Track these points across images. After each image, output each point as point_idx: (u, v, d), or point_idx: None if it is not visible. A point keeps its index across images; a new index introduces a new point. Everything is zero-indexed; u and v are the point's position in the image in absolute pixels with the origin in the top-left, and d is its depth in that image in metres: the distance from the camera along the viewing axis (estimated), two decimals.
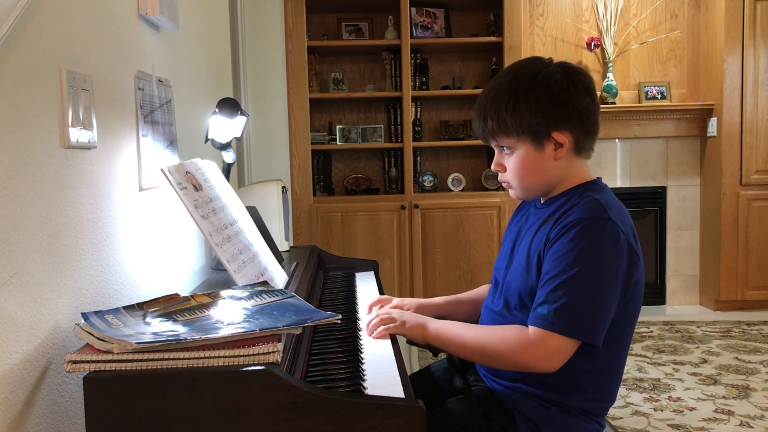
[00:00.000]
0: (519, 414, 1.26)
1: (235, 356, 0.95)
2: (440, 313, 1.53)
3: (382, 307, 1.48)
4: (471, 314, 1.55)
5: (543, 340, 1.17)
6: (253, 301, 1.16)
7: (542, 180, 1.31)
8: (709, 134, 4.22)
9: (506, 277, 1.36)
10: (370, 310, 1.49)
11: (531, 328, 1.19)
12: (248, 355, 0.95)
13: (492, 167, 1.36)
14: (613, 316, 1.21)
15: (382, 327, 1.33)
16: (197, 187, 1.38)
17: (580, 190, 1.29)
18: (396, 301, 1.51)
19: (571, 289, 1.16)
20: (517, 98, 1.25)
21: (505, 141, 1.29)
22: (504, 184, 1.36)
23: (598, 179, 1.34)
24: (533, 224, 1.33)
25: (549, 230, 1.25)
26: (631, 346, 1.68)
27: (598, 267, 1.18)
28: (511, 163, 1.31)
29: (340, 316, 1.10)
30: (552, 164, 1.28)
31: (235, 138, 1.86)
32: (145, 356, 0.94)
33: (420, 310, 1.49)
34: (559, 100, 1.25)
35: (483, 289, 1.60)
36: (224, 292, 1.21)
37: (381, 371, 1.15)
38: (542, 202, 1.36)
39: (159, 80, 1.58)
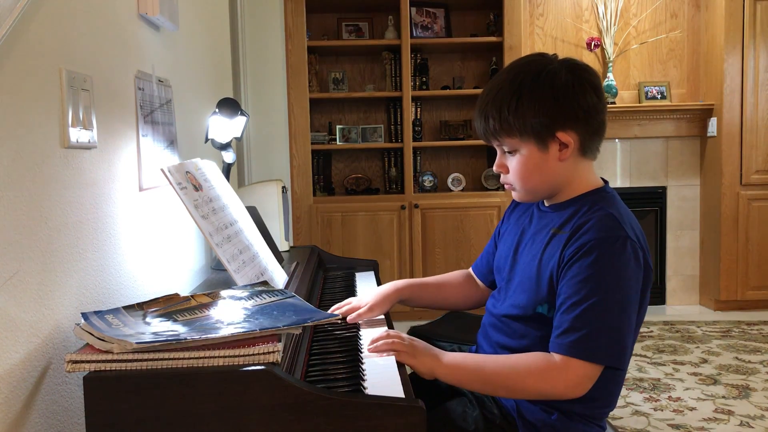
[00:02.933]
0: (520, 418, 1.25)
1: (235, 356, 0.95)
2: (403, 297, 1.49)
3: (351, 310, 1.42)
4: (435, 299, 1.53)
5: (572, 367, 1.14)
6: (253, 301, 1.16)
7: (546, 182, 1.26)
8: (709, 134, 4.22)
9: (510, 283, 1.32)
10: (343, 315, 1.41)
11: (557, 356, 1.16)
12: (248, 355, 0.95)
13: (494, 169, 1.31)
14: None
15: (392, 352, 1.22)
16: (197, 187, 1.38)
17: (591, 200, 1.24)
18: (355, 300, 1.45)
19: (596, 315, 1.13)
20: (519, 97, 1.20)
21: (507, 141, 1.24)
22: (507, 186, 1.31)
23: (606, 185, 1.29)
24: (540, 231, 1.29)
25: (563, 247, 1.19)
26: None
27: (620, 290, 1.15)
28: (514, 165, 1.26)
29: (340, 316, 1.10)
30: (557, 166, 1.23)
31: (235, 138, 1.86)
32: (145, 356, 0.94)
33: (383, 299, 1.45)
34: (564, 98, 1.20)
35: (453, 275, 1.57)
36: (224, 292, 1.21)
37: (381, 371, 1.15)
38: (547, 204, 1.32)
39: (159, 80, 1.58)
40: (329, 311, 1.42)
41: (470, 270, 1.58)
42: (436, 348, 1.26)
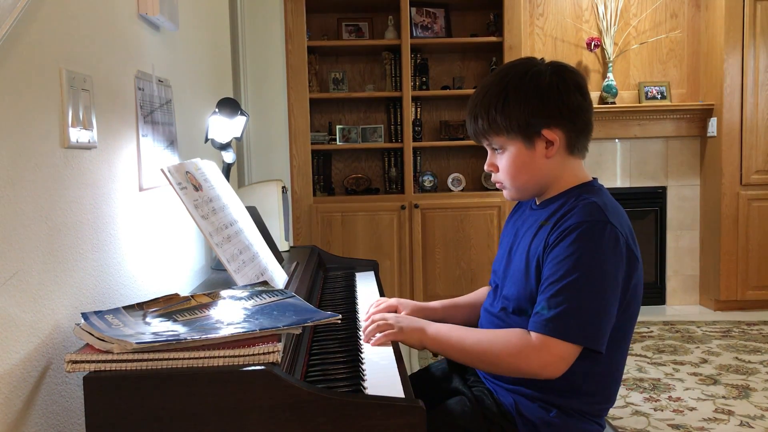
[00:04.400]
0: (519, 415, 1.26)
1: (235, 356, 0.95)
2: (436, 318, 1.50)
3: (388, 308, 1.47)
4: (468, 318, 1.54)
5: (546, 346, 1.16)
6: (253, 301, 1.16)
7: (535, 179, 1.30)
8: (709, 134, 4.22)
9: (504, 280, 1.35)
10: (368, 317, 1.46)
11: (533, 334, 1.18)
12: (248, 355, 0.95)
13: (485, 167, 1.35)
14: (614, 320, 1.21)
15: (379, 334, 1.29)
16: (197, 187, 1.38)
17: (577, 192, 1.28)
18: (393, 301, 1.49)
19: (572, 295, 1.16)
20: (506, 97, 1.25)
21: (496, 140, 1.29)
22: (497, 185, 1.35)
23: (594, 180, 1.33)
24: (531, 227, 1.32)
25: (548, 234, 1.23)
26: (631, 346, 1.68)
27: (598, 271, 1.17)
28: (503, 163, 1.30)
29: (340, 316, 1.10)
30: (544, 163, 1.28)
31: (235, 138, 1.86)
32: (145, 356, 0.94)
33: (416, 313, 1.48)
34: (549, 97, 1.24)
35: (481, 293, 1.59)
36: (224, 292, 1.21)
37: (381, 371, 1.15)
38: (538, 203, 1.35)
39: (159, 80, 1.58)
40: (369, 307, 1.48)
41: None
42: (421, 320, 1.32)
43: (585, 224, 1.18)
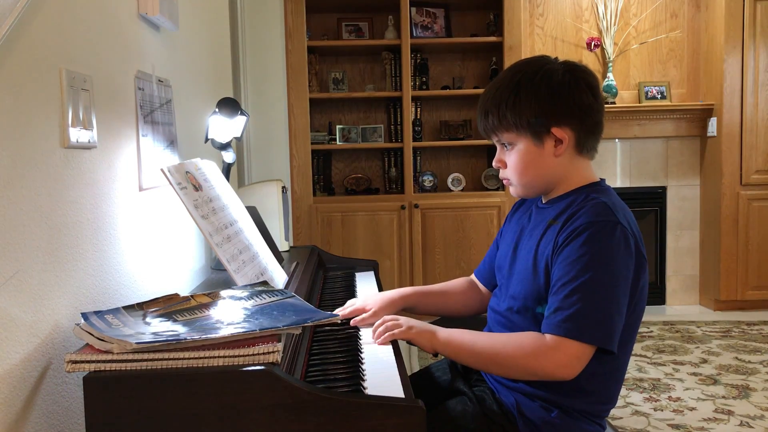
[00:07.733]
0: (520, 415, 1.25)
1: (235, 356, 0.95)
2: (408, 304, 1.50)
3: (354, 312, 1.41)
4: (439, 306, 1.54)
5: (561, 347, 1.15)
6: (253, 301, 1.16)
7: (542, 177, 1.30)
8: (709, 134, 4.22)
9: (510, 278, 1.35)
10: (355, 323, 1.40)
11: (548, 335, 1.17)
12: (248, 355, 0.95)
13: (493, 164, 1.36)
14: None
15: (387, 333, 1.28)
16: (197, 187, 1.38)
17: (585, 192, 1.28)
18: (359, 302, 1.44)
19: (585, 295, 1.15)
20: (517, 93, 1.25)
21: (505, 136, 1.29)
22: (505, 181, 1.35)
23: (602, 180, 1.33)
24: (537, 225, 1.32)
25: (556, 234, 1.23)
26: None
27: (610, 271, 1.17)
28: (511, 159, 1.30)
29: (340, 316, 1.10)
30: (552, 161, 1.27)
31: (235, 138, 1.86)
32: (145, 356, 0.94)
33: (387, 305, 1.44)
34: (560, 95, 1.24)
35: (455, 282, 1.58)
36: (224, 292, 1.21)
37: (381, 371, 1.15)
38: (544, 201, 1.35)
39: (159, 80, 1.58)
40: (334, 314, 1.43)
41: (472, 276, 1.59)
42: (432, 325, 1.31)
43: (595, 224, 1.18)
